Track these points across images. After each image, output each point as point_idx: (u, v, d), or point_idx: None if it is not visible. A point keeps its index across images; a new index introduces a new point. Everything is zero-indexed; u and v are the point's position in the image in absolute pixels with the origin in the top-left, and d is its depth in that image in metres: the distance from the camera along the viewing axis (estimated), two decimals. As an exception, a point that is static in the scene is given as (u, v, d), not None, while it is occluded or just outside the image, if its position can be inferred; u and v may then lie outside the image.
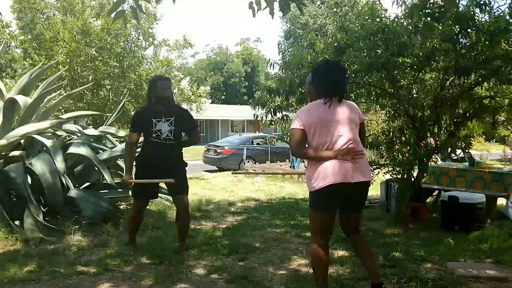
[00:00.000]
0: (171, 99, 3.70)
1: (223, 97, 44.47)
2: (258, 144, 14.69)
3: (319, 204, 2.56)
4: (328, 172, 2.47)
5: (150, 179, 3.65)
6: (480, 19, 4.48)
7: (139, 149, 3.83)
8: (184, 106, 12.89)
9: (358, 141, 2.59)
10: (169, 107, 3.65)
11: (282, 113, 5.89)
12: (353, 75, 5.15)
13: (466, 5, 4.40)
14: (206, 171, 13.14)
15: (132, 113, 11.45)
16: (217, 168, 13.74)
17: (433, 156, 5.84)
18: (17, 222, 4.23)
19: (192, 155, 19.88)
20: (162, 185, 3.95)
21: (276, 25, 74.50)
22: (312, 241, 2.65)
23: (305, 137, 2.56)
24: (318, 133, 2.53)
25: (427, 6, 3.46)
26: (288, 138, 2.62)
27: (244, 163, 12.92)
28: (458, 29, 4.50)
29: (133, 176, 3.71)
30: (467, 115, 5.62)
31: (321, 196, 2.51)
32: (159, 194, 5.71)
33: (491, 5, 4.28)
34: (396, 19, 4.80)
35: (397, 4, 4.75)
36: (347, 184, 2.46)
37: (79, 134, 5.33)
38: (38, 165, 4.33)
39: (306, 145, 2.58)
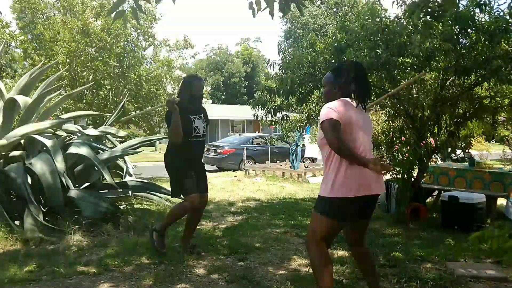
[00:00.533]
0: (202, 98, 3.83)
1: (223, 97, 44.48)
2: (258, 144, 14.69)
3: (336, 213, 2.31)
4: (359, 182, 2.26)
5: (195, 177, 3.69)
6: (480, 19, 4.48)
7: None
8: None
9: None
10: (199, 105, 3.78)
11: (282, 113, 5.89)
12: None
13: (466, 5, 4.40)
14: (206, 171, 13.12)
15: (133, 113, 11.48)
16: (217, 168, 13.74)
17: (433, 156, 5.84)
18: (17, 222, 4.23)
19: (192, 155, 19.87)
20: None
21: (276, 25, 74.44)
22: (313, 245, 2.40)
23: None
24: (350, 133, 2.29)
25: (427, 5, 3.46)
26: (323, 130, 2.26)
27: (244, 163, 12.91)
28: (458, 29, 4.50)
29: (177, 175, 3.68)
30: (467, 115, 5.62)
31: (343, 205, 2.27)
32: (159, 195, 5.74)
33: (491, 5, 4.28)
34: (396, 19, 4.80)
35: (397, 4, 4.75)
36: (368, 196, 2.31)
37: (79, 134, 5.33)
38: (38, 165, 4.33)
39: None
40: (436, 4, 3.51)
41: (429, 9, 3.53)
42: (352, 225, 2.52)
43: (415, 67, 5.07)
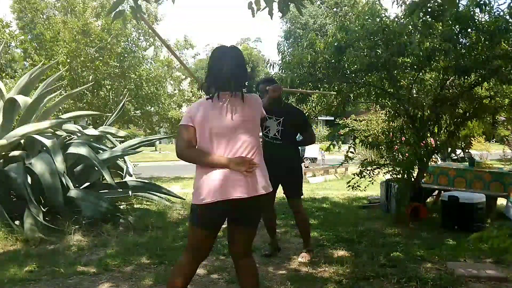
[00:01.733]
0: (281, 100, 3.61)
1: (223, 97, 44.45)
2: (258, 144, 14.67)
3: (199, 220, 2.16)
4: (215, 185, 2.07)
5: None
6: (480, 19, 4.48)
7: None
8: (184, 107, 12.89)
9: (257, 147, 2.20)
10: (280, 107, 3.57)
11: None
12: (353, 75, 5.14)
13: (466, 5, 4.41)
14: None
15: (132, 113, 11.49)
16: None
17: (433, 156, 5.84)
18: (17, 222, 4.23)
19: (192, 155, 19.82)
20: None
21: (276, 25, 74.56)
22: (183, 254, 2.26)
23: (194, 136, 2.15)
24: (203, 136, 2.14)
25: (427, 5, 3.46)
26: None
27: (244, 163, 12.90)
28: (458, 29, 4.50)
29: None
30: (467, 115, 5.61)
31: (205, 212, 2.11)
32: (159, 195, 5.74)
33: (491, 5, 4.28)
34: (396, 19, 4.80)
35: (397, 4, 4.75)
36: (236, 200, 2.07)
37: (79, 134, 5.33)
38: (38, 165, 4.33)
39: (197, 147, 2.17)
40: (436, 4, 3.52)
41: (429, 9, 3.53)
42: (228, 234, 2.30)
43: (415, 67, 5.07)
